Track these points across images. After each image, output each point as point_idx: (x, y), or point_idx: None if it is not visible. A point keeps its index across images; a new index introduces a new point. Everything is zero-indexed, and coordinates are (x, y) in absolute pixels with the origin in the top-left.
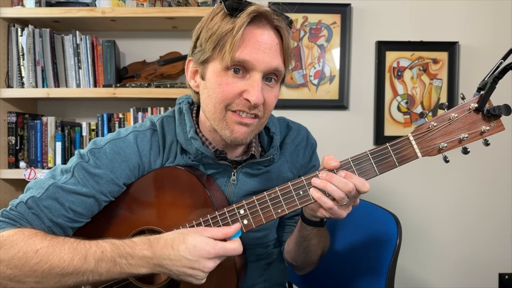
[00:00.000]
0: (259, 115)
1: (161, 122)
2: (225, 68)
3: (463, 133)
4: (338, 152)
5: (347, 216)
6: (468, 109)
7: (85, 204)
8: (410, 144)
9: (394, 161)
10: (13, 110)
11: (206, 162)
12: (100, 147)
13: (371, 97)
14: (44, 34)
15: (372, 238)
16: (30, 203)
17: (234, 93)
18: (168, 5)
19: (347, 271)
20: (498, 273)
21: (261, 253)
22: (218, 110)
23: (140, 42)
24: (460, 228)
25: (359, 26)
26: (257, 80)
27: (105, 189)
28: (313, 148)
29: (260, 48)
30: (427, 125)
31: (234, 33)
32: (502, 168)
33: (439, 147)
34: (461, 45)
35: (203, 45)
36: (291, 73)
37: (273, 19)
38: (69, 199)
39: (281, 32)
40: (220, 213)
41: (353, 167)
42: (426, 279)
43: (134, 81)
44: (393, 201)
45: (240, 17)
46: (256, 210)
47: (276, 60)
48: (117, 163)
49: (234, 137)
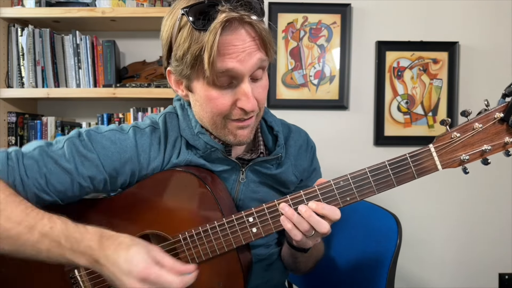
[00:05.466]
0: (254, 114)
1: (164, 118)
2: (210, 84)
3: (486, 145)
4: (338, 152)
5: (342, 219)
6: (493, 118)
7: (60, 178)
8: (431, 156)
9: (413, 173)
10: (13, 110)
11: (214, 157)
12: (99, 132)
13: (371, 97)
14: (44, 34)
15: (372, 238)
16: (12, 155)
17: (227, 105)
18: (168, 5)
19: (347, 271)
20: (498, 273)
21: (262, 254)
22: (218, 121)
23: (140, 42)
24: (460, 228)
25: (359, 26)
26: (246, 87)
27: (86, 172)
28: (313, 151)
29: (239, 54)
30: (450, 135)
31: (209, 49)
32: (503, 168)
33: (460, 159)
34: (461, 45)
35: (178, 62)
36: (291, 73)
37: (243, 17)
38: (48, 166)
39: (255, 27)
40: (228, 220)
41: (370, 178)
42: (426, 279)
43: (134, 81)
44: (393, 201)
45: (210, 30)
46: (266, 219)
47: (257, 58)
48: (110, 152)
49: (238, 140)
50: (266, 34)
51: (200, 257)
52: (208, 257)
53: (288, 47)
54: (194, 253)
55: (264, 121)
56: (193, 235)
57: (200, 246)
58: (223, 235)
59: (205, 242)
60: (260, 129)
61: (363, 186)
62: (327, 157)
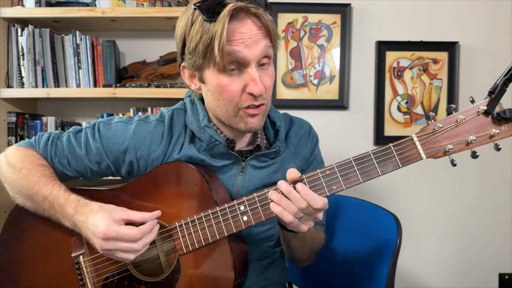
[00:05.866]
0: (264, 102)
1: (171, 114)
2: (221, 70)
3: (471, 136)
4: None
5: (342, 218)
6: (477, 111)
7: (77, 161)
8: (414, 145)
9: (397, 161)
10: (13, 110)
11: (216, 151)
12: (108, 124)
13: (371, 97)
14: (44, 34)
15: (372, 238)
16: (51, 137)
17: (237, 91)
18: (168, 5)
19: (347, 271)
20: (498, 273)
21: (265, 251)
22: (230, 109)
23: (140, 42)
24: (460, 228)
25: (359, 26)
26: (253, 72)
27: (94, 159)
28: (315, 141)
29: (246, 40)
30: (433, 126)
31: (219, 36)
32: (503, 168)
33: (445, 149)
34: (461, 45)
35: (191, 54)
36: (291, 73)
37: (250, 8)
38: (70, 150)
39: (261, 18)
40: (221, 208)
41: (355, 166)
42: (426, 279)
43: (134, 81)
44: (393, 201)
45: (219, 20)
46: (256, 207)
47: (263, 45)
48: (111, 143)
49: (249, 127)
50: (271, 24)
51: (194, 244)
52: (201, 245)
53: (288, 47)
54: (188, 240)
55: (268, 116)
56: (188, 222)
57: (194, 234)
58: (216, 222)
59: (199, 229)
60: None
61: (349, 175)
62: (327, 157)
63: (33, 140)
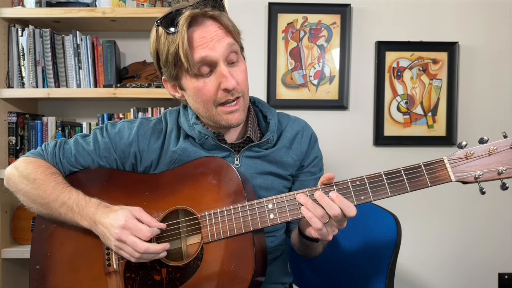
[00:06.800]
0: (240, 96)
1: (165, 113)
2: (193, 75)
3: (502, 166)
4: (338, 152)
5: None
6: (510, 145)
7: (84, 158)
8: (444, 167)
9: (426, 180)
10: (14, 110)
11: (209, 144)
12: (114, 124)
13: (371, 97)
14: (44, 34)
15: (372, 238)
16: (58, 143)
17: (213, 90)
18: (168, 5)
19: (347, 271)
20: (498, 273)
21: (268, 246)
22: (209, 108)
23: (140, 42)
24: (460, 227)
25: (359, 26)
26: (223, 69)
27: (102, 153)
28: (311, 137)
29: (209, 43)
30: (465, 152)
31: (181, 45)
32: None
33: (475, 175)
34: (461, 45)
35: (165, 66)
36: (291, 73)
37: (206, 12)
38: (77, 149)
39: (218, 19)
40: (249, 203)
41: (385, 180)
42: (426, 279)
43: (134, 81)
44: (393, 201)
45: (179, 30)
46: (283, 207)
47: (226, 43)
48: (118, 138)
49: (230, 123)
50: (229, 23)
51: (219, 234)
52: (227, 235)
53: (288, 48)
54: (215, 229)
55: (260, 112)
56: (217, 212)
57: (221, 224)
58: (243, 216)
59: (226, 220)
60: (257, 119)
61: (378, 188)
62: (326, 157)
63: (40, 150)
